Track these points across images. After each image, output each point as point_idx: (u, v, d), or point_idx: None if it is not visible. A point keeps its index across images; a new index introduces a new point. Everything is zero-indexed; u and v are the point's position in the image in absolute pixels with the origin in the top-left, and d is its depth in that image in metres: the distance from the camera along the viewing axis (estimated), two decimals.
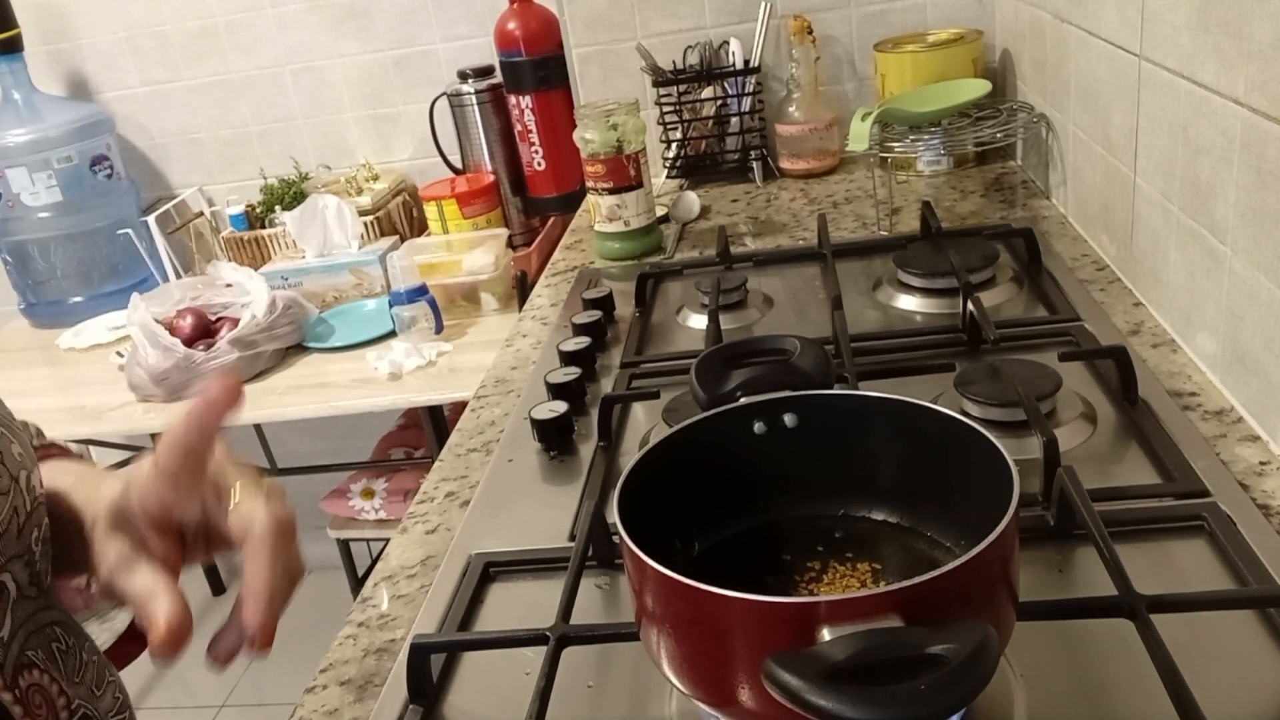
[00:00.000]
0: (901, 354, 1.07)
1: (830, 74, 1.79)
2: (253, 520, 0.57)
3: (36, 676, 0.61)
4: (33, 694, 0.60)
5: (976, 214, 1.45)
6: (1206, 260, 0.92)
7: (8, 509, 0.58)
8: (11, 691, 0.58)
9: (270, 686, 2.49)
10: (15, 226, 2.27)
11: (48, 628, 0.63)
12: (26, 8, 2.30)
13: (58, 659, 0.63)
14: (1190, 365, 0.97)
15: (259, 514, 0.57)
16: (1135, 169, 1.09)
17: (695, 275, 1.34)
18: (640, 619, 0.59)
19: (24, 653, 0.60)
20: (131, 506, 0.58)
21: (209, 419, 0.55)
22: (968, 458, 0.62)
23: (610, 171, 1.45)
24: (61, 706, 0.62)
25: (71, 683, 0.64)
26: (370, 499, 2.18)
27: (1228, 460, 0.82)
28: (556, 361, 1.14)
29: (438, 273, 1.94)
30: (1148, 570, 0.71)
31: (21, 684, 0.59)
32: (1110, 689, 0.62)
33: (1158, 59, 0.99)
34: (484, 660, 0.74)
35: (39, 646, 0.62)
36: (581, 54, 1.82)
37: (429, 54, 2.29)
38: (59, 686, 0.62)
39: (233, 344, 1.82)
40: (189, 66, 2.37)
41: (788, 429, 0.71)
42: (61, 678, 0.63)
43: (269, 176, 2.34)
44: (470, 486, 0.98)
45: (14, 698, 0.58)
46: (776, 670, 0.47)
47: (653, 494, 0.64)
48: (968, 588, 0.52)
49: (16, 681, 0.59)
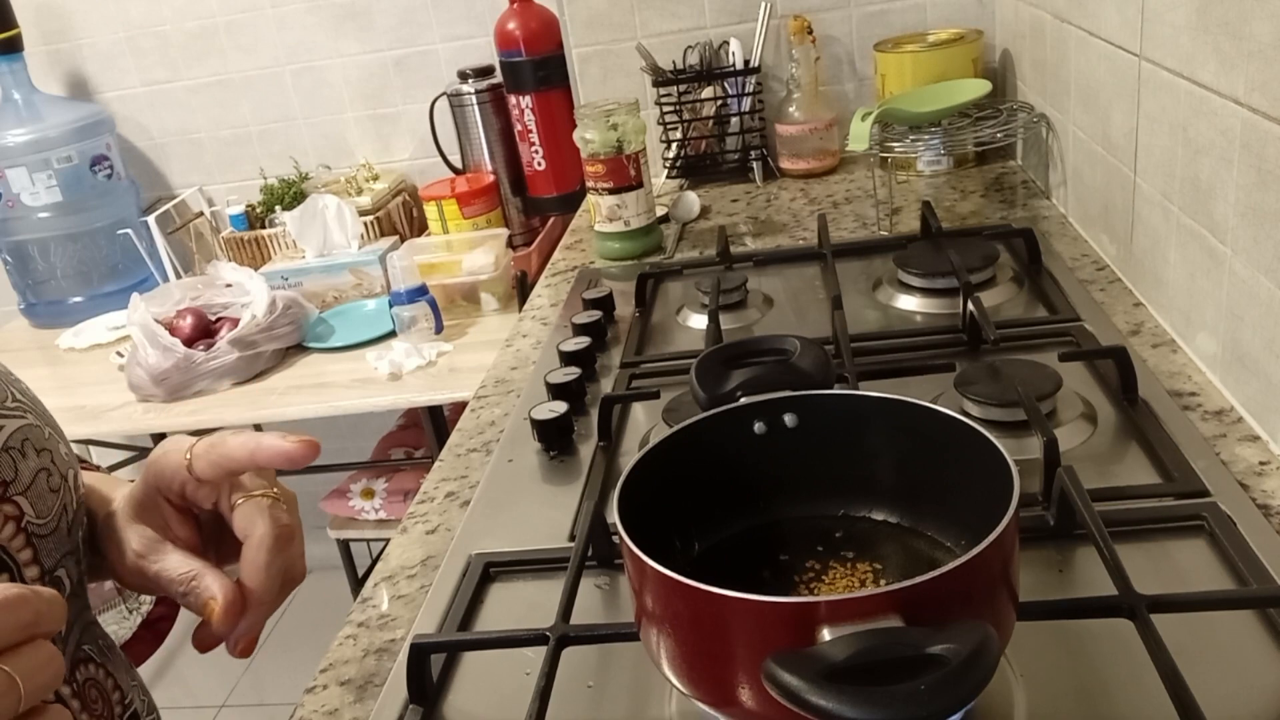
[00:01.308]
0: (901, 354, 1.06)
1: (830, 74, 1.79)
2: (254, 523, 0.57)
3: (92, 671, 0.61)
4: (89, 688, 0.60)
5: (976, 214, 1.45)
6: (1206, 260, 0.92)
7: (58, 506, 0.59)
8: (70, 685, 0.58)
9: (270, 686, 2.49)
10: (15, 226, 2.27)
11: (91, 625, 0.64)
12: (26, 8, 2.30)
13: (107, 655, 0.64)
14: (1190, 365, 0.97)
15: (260, 519, 0.57)
16: (1135, 169, 1.09)
17: (695, 275, 1.34)
18: (640, 619, 0.59)
19: (80, 647, 0.61)
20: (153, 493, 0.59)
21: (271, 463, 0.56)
22: (968, 458, 0.62)
23: (610, 171, 1.45)
24: (116, 701, 0.62)
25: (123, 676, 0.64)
26: (370, 499, 2.18)
27: (1228, 460, 0.82)
28: (556, 361, 1.14)
29: (438, 273, 1.94)
30: (1148, 570, 0.71)
31: (79, 678, 0.60)
32: (1110, 689, 0.62)
33: (1158, 59, 0.99)
34: (484, 660, 0.74)
35: (90, 642, 0.62)
36: (581, 54, 1.82)
37: (429, 54, 2.29)
38: (113, 681, 0.63)
39: (233, 344, 1.83)
40: (189, 66, 2.37)
41: (788, 429, 0.71)
42: (115, 672, 0.63)
43: (269, 176, 2.34)
44: (470, 486, 0.98)
45: (72, 691, 0.58)
46: (776, 670, 0.47)
47: (653, 494, 0.64)
48: (968, 588, 0.52)
49: (74, 675, 0.59)
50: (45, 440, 0.59)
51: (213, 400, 1.81)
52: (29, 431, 0.58)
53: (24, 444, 0.57)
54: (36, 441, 0.58)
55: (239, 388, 1.84)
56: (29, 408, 0.60)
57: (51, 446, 0.60)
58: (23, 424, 0.58)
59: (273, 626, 2.65)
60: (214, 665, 2.51)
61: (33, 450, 0.58)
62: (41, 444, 0.59)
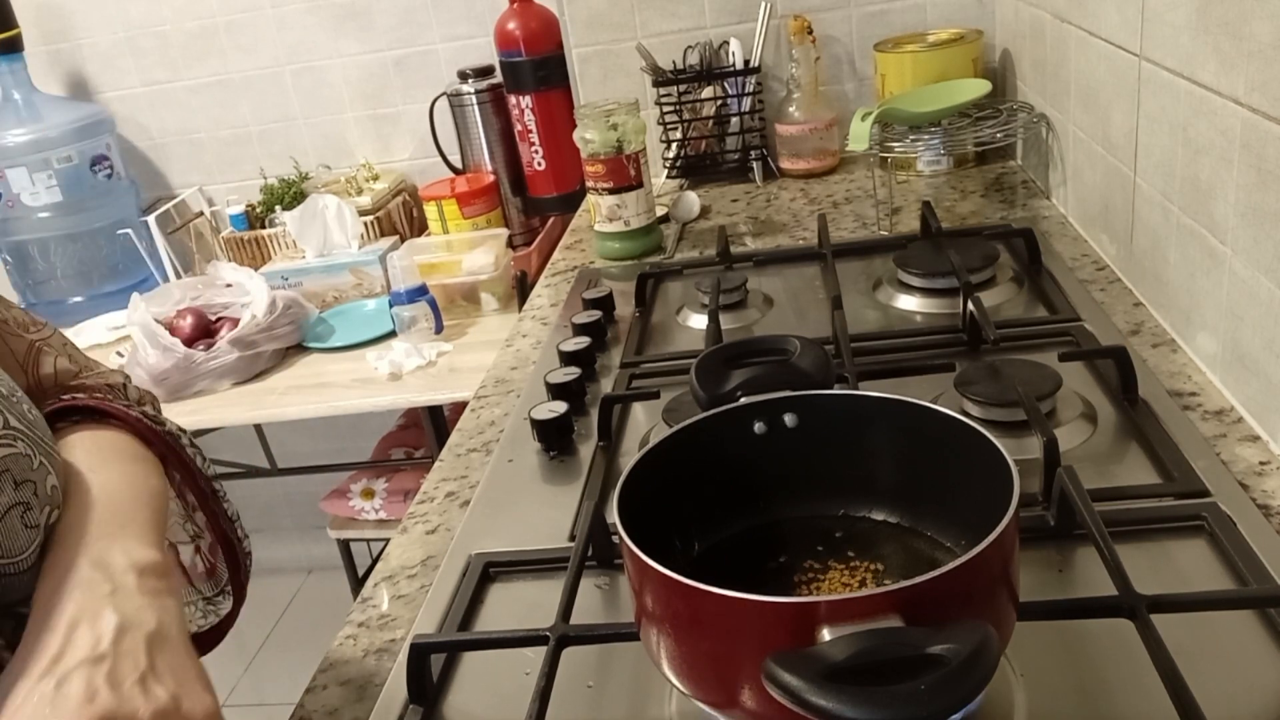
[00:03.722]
0: (901, 354, 1.07)
1: (830, 74, 1.79)
2: None
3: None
4: None
5: (976, 214, 1.45)
6: (1206, 260, 0.92)
7: (33, 546, 0.58)
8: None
9: (270, 686, 2.49)
10: (15, 226, 2.27)
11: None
12: (26, 8, 2.30)
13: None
14: (1190, 365, 0.97)
15: None
16: (1135, 169, 1.09)
17: (695, 275, 1.34)
18: (640, 619, 0.59)
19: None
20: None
21: None
22: (968, 458, 0.62)
23: (610, 171, 1.45)
24: None
25: None
26: (370, 499, 2.18)
27: (1228, 460, 0.82)
28: (556, 361, 1.14)
29: (438, 273, 1.94)
30: (1148, 570, 0.71)
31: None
32: (1110, 689, 0.62)
33: (1158, 59, 0.99)
34: (484, 660, 0.74)
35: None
36: (581, 54, 1.82)
37: (429, 54, 2.28)
38: None
39: (233, 344, 1.82)
40: (189, 66, 2.37)
41: (788, 429, 0.71)
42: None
43: (269, 176, 2.34)
44: (470, 486, 0.98)
45: None
46: (776, 670, 0.47)
47: (653, 494, 0.64)
48: (968, 588, 0.52)
49: None
50: (31, 472, 0.58)
51: (213, 400, 1.81)
52: (12, 462, 0.56)
53: (1, 476, 0.55)
54: (19, 473, 0.57)
55: (239, 388, 1.84)
56: (22, 434, 0.58)
57: (38, 479, 0.58)
58: (7, 454, 0.56)
59: (273, 626, 2.66)
60: (214, 665, 2.49)
61: (10, 483, 0.56)
62: (24, 476, 0.57)
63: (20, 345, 0.71)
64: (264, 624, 2.67)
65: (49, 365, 0.72)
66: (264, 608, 2.71)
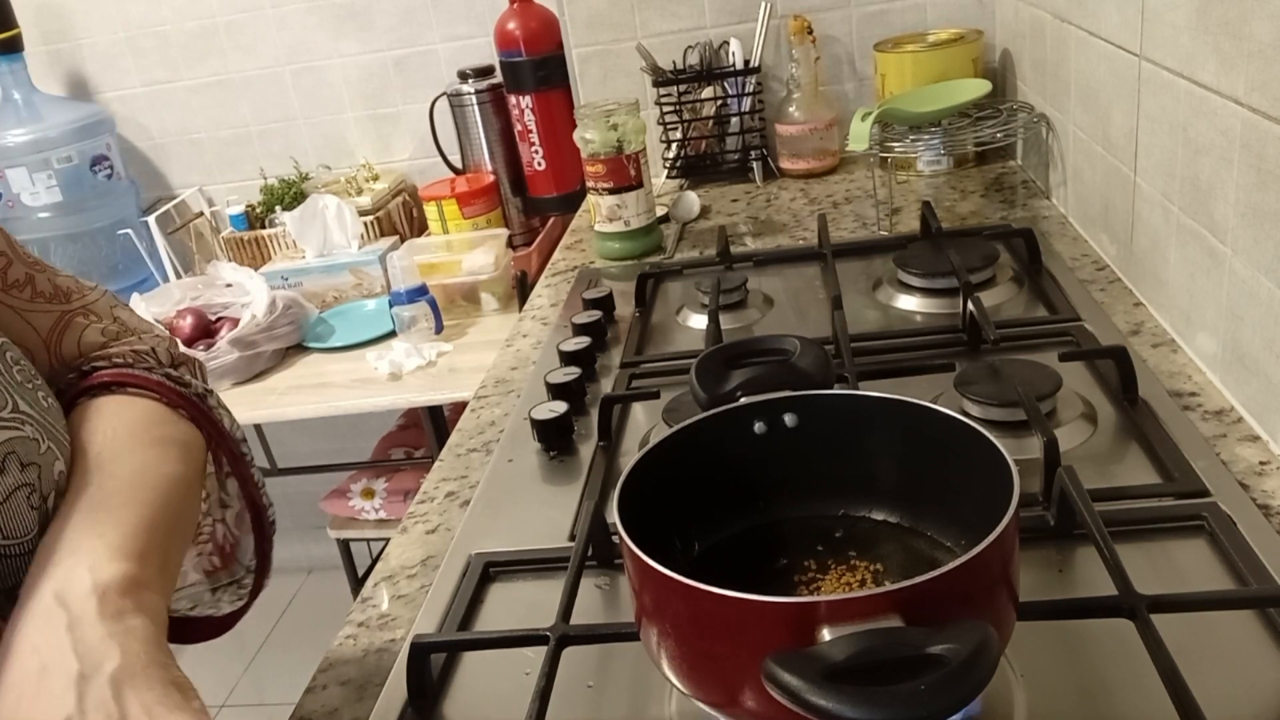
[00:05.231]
0: (901, 354, 1.06)
1: (830, 74, 1.79)
2: None
3: None
4: None
5: (976, 214, 1.45)
6: (1206, 260, 0.92)
7: (39, 529, 0.57)
8: None
9: (270, 686, 2.49)
10: (15, 226, 2.27)
11: None
12: (26, 8, 2.30)
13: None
14: (1190, 365, 0.97)
15: None
16: (1135, 169, 1.09)
17: (695, 275, 1.34)
18: (640, 619, 0.59)
19: None
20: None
21: None
22: (968, 458, 0.62)
23: (610, 171, 1.45)
24: None
25: None
26: (370, 499, 2.18)
27: (1228, 460, 0.82)
28: (556, 361, 1.14)
29: (438, 273, 1.94)
30: (1148, 570, 0.71)
31: None
32: (1110, 689, 0.62)
33: (1158, 59, 0.99)
34: (484, 660, 0.74)
35: None
36: (581, 54, 1.82)
37: (429, 54, 2.28)
38: None
39: (233, 344, 1.83)
40: (189, 66, 2.37)
41: (788, 429, 0.71)
42: None
43: (269, 176, 2.34)
44: (470, 486, 0.98)
45: None
46: (776, 670, 0.47)
47: (653, 494, 0.64)
48: (968, 588, 0.52)
49: None
50: (38, 455, 0.58)
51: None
52: (18, 444, 0.57)
53: (7, 458, 0.56)
54: (24, 455, 0.57)
55: (239, 388, 1.84)
56: (30, 419, 0.58)
57: (44, 462, 0.58)
58: (13, 436, 0.57)
59: (273, 626, 2.66)
60: (214, 665, 2.51)
61: (16, 465, 0.56)
62: (30, 458, 0.57)
63: (45, 321, 0.69)
64: (264, 624, 2.67)
65: (73, 339, 0.70)
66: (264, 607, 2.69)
